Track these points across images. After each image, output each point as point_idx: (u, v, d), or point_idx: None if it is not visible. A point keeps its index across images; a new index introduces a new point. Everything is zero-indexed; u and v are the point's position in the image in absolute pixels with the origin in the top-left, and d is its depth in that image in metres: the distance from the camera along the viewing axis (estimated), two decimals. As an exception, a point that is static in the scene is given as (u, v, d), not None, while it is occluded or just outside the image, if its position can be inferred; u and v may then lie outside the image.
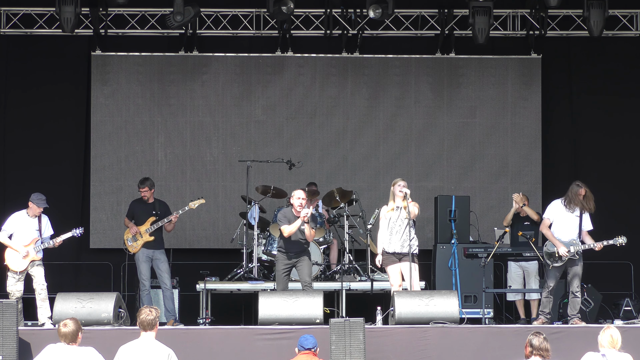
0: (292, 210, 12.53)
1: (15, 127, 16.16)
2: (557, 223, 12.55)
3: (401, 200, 12.13)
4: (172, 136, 16.36)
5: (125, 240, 13.52)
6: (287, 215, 12.51)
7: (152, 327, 8.88)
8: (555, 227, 12.53)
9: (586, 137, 16.59)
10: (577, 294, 12.40)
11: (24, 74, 16.24)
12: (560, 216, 12.55)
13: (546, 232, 12.58)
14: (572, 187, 12.65)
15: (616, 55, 16.51)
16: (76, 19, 14.73)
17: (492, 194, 16.35)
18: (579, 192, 12.56)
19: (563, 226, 12.53)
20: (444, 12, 16.24)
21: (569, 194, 12.60)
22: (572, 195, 12.57)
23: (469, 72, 16.53)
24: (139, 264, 13.47)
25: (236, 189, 16.01)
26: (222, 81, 16.41)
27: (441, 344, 11.11)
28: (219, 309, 14.37)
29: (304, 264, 12.49)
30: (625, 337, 9.05)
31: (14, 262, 12.45)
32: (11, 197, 15.22)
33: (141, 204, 13.65)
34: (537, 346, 8.66)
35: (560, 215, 12.55)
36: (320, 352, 10.10)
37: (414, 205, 12.16)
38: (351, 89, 16.52)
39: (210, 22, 16.29)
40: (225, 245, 15.89)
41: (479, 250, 13.63)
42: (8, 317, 10.62)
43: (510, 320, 14.61)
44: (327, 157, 16.45)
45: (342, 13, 16.31)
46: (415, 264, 12.07)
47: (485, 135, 16.51)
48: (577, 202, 12.53)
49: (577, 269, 12.44)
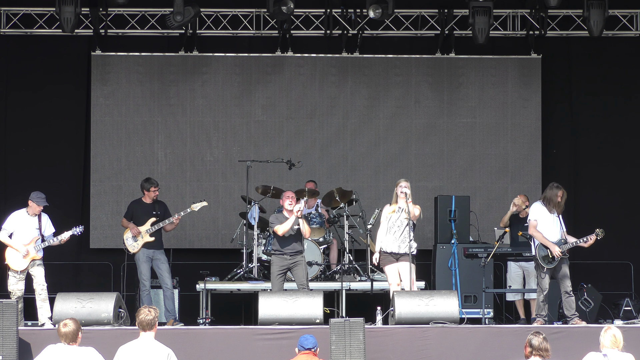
0: (283, 213, 12.64)
1: (16, 127, 16.16)
2: (542, 224, 12.42)
3: (403, 201, 12.11)
4: (172, 136, 16.37)
5: (125, 240, 13.51)
6: (279, 218, 12.64)
7: (151, 327, 8.88)
8: (541, 228, 12.42)
9: (586, 137, 16.59)
10: (571, 292, 12.36)
11: (24, 74, 16.24)
12: (544, 217, 12.44)
13: (536, 234, 12.40)
14: (550, 188, 12.52)
15: (616, 55, 16.51)
16: (76, 19, 14.73)
17: (492, 194, 16.35)
18: (558, 193, 12.46)
19: (548, 227, 12.41)
20: (444, 12, 16.25)
21: (548, 195, 12.48)
22: (551, 196, 12.48)
23: (469, 72, 16.53)
24: (139, 264, 13.46)
25: (236, 188, 16.01)
26: (222, 81, 16.42)
27: (441, 344, 11.11)
28: (219, 309, 14.37)
29: (299, 267, 12.50)
30: (625, 337, 9.05)
31: (15, 261, 12.45)
32: (11, 196, 15.22)
33: (141, 205, 13.64)
34: (537, 346, 8.66)
35: (544, 216, 12.44)
36: (320, 352, 10.10)
37: (416, 208, 12.15)
38: (351, 89, 16.52)
39: (210, 22, 16.29)
40: (225, 245, 15.89)
41: (478, 250, 13.63)
42: (8, 317, 10.62)
43: (510, 320, 14.62)
44: (326, 157, 16.46)
45: (342, 13, 16.31)
46: (413, 265, 12.07)
47: (485, 135, 16.51)
48: (555, 203, 12.46)
49: (566, 269, 12.38)
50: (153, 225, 13.44)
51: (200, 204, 13.74)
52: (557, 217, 12.46)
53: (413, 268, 12.08)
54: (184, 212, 13.60)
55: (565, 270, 12.37)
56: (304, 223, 12.46)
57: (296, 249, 12.55)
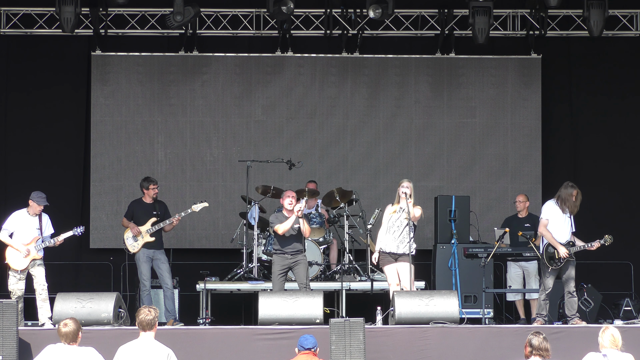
0: (283, 212, 12.65)
1: (16, 128, 16.16)
2: (552, 224, 12.38)
3: (404, 202, 12.10)
4: (172, 136, 16.37)
5: (125, 240, 13.51)
6: (279, 218, 12.66)
7: (151, 327, 8.88)
8: (551, 228, 12.38)
9: (586, 137, 16.59)
10: (574, 293, 12.34)
11: (24, 74, 16.24)
12: (556, 217, 12.39)
13: (545, 233, 12.36)
14: (565, 187, 12.44)
15: (616, 55, 16.51)
16: (76, 19, 14.73)
17: (492, 194, 16.35)
18: (573, 192, 12.42)
19: (559, 227, 12.36)
20: (444, 12, 16.24)
21: (562, 195, 12.41)
22: (565, 196, 12.44)
23: (468, 72, 16.53)
24: (139, 264, 13.46)
25: (236, 189, 16.01)
26: (222, 81, 16.42)
27: (441, 344, 11.11)
28: (219, 309, 14.37)
29: (300, 266, 12.51)
30: (625, 337, 9.05)
31: (15, 261, 12.45)
32: (12, 196, 15.21)
33: (141, 205, 13.64)
34: (537, 346, 8.66)
35: (556, 216, 12.39)
36: (320, 352, 10.10)
37: (417, 209, 12.13)
38: (351, 89, 16.52)
39: (210, 22, 16.29)
40: (225, 245, 15.89)
41: (479, 250, 13.62)
42: (8, 317, 10.62)
43: (510, 320, 14.61)
44: (327, 157, 16.45)
45: (342, 13, 16.31)
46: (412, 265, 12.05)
47: (485, 135, 16.51)
48: (570, 202, 12.41)
49: (572, 271, 12.35)
50: (153, 225, 13.44)
51: (200, 205, 13.73)
52: (569, 218, 12.41)
53: (412, 269, 12.07)
54: (184, 212, 13.60)
55: (571, 272, 12.33)
56: (304, 222, 12.47)
57: (297, 248, 12.56)
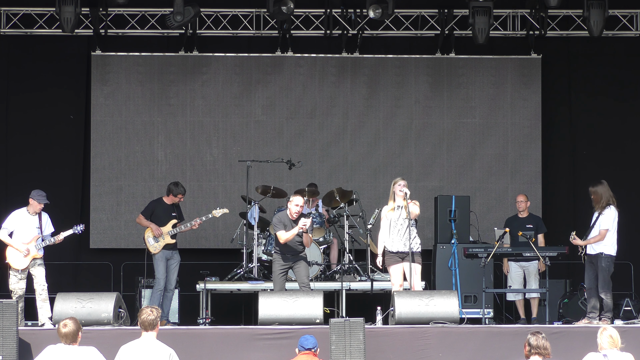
0: (287, 214, 12.51)
1: (15, 128, 16.15)
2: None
3: (401, 200, 12.11)
4: (172, 136, 16.37)
5: (146, 239, 13.40)
6: (283, 220, 12.48)
7: (153, 327, 8.88)
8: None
9: (586, 137, 16.60)
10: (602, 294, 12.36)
11: (24, 74, 16.24)
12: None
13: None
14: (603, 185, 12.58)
15: (616, 55, 16.51)
16: (76, 19, 14.74)
17: (492, 194, 16.36)
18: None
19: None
20: (444, 12, 16.25)
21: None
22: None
23: (468, 72, 16.54)
24: (157, 263, 13.38)
25: (236, 189, 16.01)
26: (222, 81, 16.42)
27: (441, 344, 11.11)
28: (219, 309, 14.38)
29: (301, 266, 12.49)
30: (625, 337, 9.06)
31: (16, 260, 12.45)
32: (12, 197, 15.21)
33: (162, 205, 13.53)
34: (535, 345, 8.67)
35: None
36: (320, 352, 10.11)
37: (415, 204, 12.13)
38: (351, 89, 16.52)
39: (210, 22, 16.29)
40: (225, 245, 15.89)
41: (479, 250, 13.61)
42: (8, 317, 10.62)
43: (510, 320, 14.62)
44: (326, 157, 16.46)
45: (342, 13, 16.32)
46: (419, 264, 12.06)
47: (485, 135, 16.52)
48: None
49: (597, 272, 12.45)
50: (174, 227, 13.40)
51: (221, 211, 13.66)
52: (595, 214, 12.52)
53: (419, 266, 12.05)
54: (205, 217, 13.56)
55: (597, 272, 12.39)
56: (307, 235, 12.39)
57: (297, 252, 12.53)
